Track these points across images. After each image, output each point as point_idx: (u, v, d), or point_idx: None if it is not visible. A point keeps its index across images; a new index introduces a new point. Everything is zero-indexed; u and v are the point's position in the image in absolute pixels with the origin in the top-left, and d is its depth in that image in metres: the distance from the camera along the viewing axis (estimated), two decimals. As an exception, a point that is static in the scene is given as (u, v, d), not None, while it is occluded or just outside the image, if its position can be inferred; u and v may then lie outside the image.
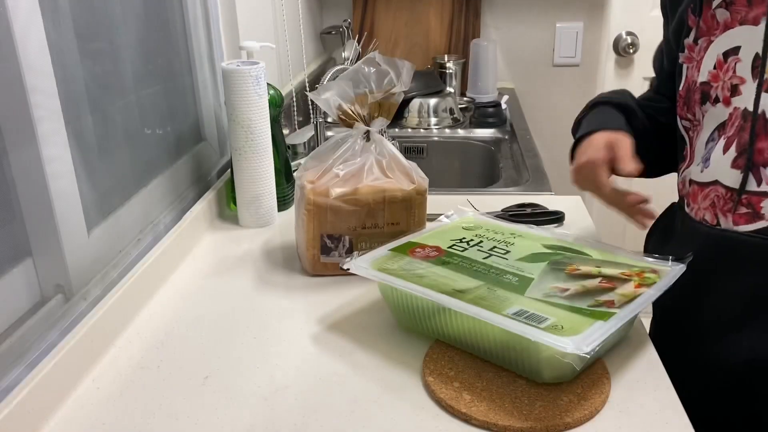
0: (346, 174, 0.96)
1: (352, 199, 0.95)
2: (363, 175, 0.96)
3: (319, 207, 0.95)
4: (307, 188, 0.95)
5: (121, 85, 1.00)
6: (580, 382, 0.73)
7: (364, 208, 0.95)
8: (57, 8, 0.83)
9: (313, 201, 0.95)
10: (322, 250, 0.98)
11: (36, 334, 0.76)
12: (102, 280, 0.88)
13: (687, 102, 0.87)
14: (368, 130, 0.98)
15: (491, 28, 2.22)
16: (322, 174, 0.96)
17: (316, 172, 0.97)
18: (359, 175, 0.96)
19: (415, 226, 0.98)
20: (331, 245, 0.97)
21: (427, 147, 1.81)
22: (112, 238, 0.93)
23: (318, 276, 0.99)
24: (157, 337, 0.86)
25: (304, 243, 0.98)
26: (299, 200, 0.99)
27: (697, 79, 0.84)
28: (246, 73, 1.08)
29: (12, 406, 0.66)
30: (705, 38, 0.83)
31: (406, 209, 0.97)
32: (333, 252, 0.98)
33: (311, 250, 0.98)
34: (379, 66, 0.96)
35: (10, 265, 0.76)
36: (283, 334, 0.86)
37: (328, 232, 0.97)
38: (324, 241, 0.97)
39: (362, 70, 0.96)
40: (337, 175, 0.96)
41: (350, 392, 0.75)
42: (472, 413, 0.69)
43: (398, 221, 0.97)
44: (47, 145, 0.77)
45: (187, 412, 0.72)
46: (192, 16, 1.23)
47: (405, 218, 0.98)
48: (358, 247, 0.97)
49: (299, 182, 0.99)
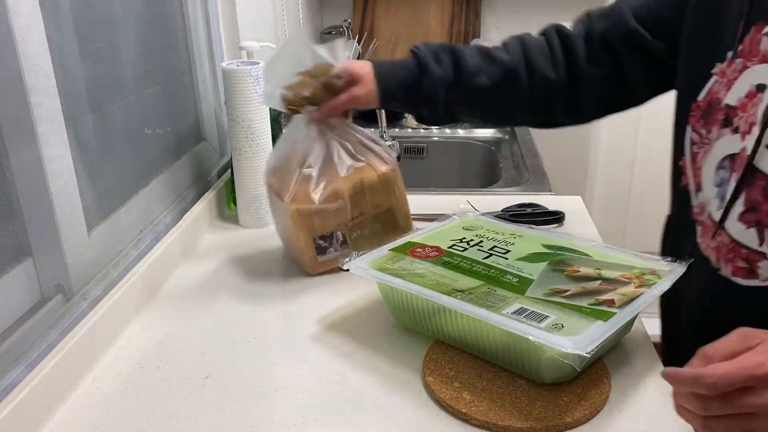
0: (318, 173, 0.93)
1: (334, 197, 0.94)
2: (335, 168, 0.95)
3: (304, 215, 0.94)
4: (286, 201, 0.93)
5: (121, 85, 1.00)
6: (580, 382, 0.73)
7: (347, 202, 0.95)
8: (57, 8, 0.83)
9: (296, 211, 0.94)
10: (317, 252, 0.97)
11: (36, 334, 0.75)
12: (102, 280, 0.88)
13: (706, 117, 0.81)
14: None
15: (492, 28, 2.22)
16: (295, 179, 0.94)
17: (285, 177, 0.95)
18: (331, 168, 0.94)
19: (398, 201, 0.99)
20: (326, 244, 0.97)
21: (427, 147, 1.81)
22: (112, 238, 0.93)
23: (320, 275, 0.99)
24: (157, 337, 0.86)
25: (297, 249, 0.98)
26: (275, 205, 0.98)
27: (723, 99, 0.78)
28: (246, 73, 1.08)
29: (12, 406, 0.66)
30: (743, 60, 0.76)
31: (386, 189, 0.98)
32: (329, 249, 0.98)
33: (308, 254, 0.97)
34: (311, 46, 0.92)
35: (10, 265, 0.76)
36: (283, 334, 0.86)
37: (319, 234, 0.96)
38: (317, 243, 0.97)
39: (294, 49, 0.91)
40: (310, 176, 0.93)
41: (350, 392, 0.75)
42: (472, 413, 0.69)
43: (382, 202, 0.98)
44: (47, 145, 0.77)
45: (187, 412, 0.72)
46: (192, 16, 1.23)
47: (387, 197, 0.98)
48: (352, 237, 0.98)
49: (270, 190, 0.97)
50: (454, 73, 0.94)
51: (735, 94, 0.77)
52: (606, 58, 0.93)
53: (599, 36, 0.94)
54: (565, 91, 0.96)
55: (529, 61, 0.95)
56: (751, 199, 0.73)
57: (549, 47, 0.96)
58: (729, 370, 0.53)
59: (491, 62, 0.95)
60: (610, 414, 0.70)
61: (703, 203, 0.81)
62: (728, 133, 0.77)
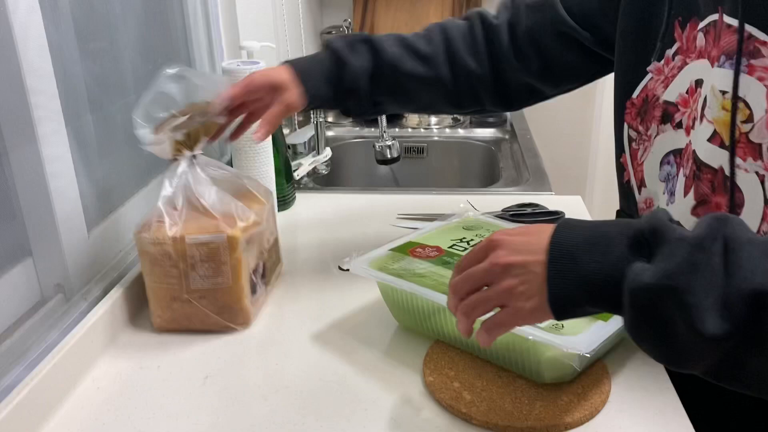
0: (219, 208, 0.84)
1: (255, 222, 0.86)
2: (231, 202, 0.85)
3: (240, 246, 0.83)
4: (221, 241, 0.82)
5: (121, 85, 1.00)
6: (580, 382, 0.73)
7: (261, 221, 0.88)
8: (57, 8, 0.83)
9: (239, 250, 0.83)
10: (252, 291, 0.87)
11: (36, 334, 0.76)
12: (102, 280, 0.88)
13: (642, 114, 0.81)
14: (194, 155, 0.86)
15: (491, 28, 2.22)
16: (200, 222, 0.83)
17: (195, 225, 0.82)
18: (226, 202, 0.85)
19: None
20: (255, 280, 0.88)
21: (427, 147, 1.81)
22: (112, 238, 0.93)
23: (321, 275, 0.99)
24: (157, 337, 0.86)
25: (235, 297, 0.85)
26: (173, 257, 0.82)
27: (660, 96, 0.79)
28: (246, 73, 1.08)
29: (12, 406, 0.66)
30: (682, 57, 0.77)
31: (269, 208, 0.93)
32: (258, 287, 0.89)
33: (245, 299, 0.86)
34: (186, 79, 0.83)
35: (10, 265, 0.76)
36: (283, 334, 0.86)
37: (251, 267, 0.87)
38: (252, 279, 0.87)
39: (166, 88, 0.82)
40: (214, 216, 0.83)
41: (350, 392, 0.75)
42: (472, 413, 0.69)
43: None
44: (47, 145, 0.77)
45: (187, 412, 0.72)
46: (192, 15, 1.23)
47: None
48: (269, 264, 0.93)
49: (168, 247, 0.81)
50: (373, 62, 0.91)
51: (675, 90, 0.77)
52: (533, 54, 0.93)
53: (527, 31, 0.92)
54: (490, 82, 0.95)
55: (451, 51, 0.93)
56: (700, 192, 0.73)
57: (472, 36, 0.94)
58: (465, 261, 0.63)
59: (411, 51, 0.92)
60: (610, 414, 0.70)
61: (648, 198, 0.82)
62: (669, 128, 0.78)
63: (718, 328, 0.48)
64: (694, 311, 0.49)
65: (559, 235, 0.57)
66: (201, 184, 0.85)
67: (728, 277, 0.49)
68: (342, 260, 1.02)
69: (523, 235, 0.59)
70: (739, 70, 0.67)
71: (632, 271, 0.52)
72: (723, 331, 0.48)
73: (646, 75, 0.80)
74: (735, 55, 0.68)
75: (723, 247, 0.50)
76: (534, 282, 0.57)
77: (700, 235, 0.51)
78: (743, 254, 0.49)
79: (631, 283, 0.52)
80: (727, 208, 0.71)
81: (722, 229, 0.51)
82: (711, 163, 0.71)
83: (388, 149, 1.50)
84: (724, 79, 0.69)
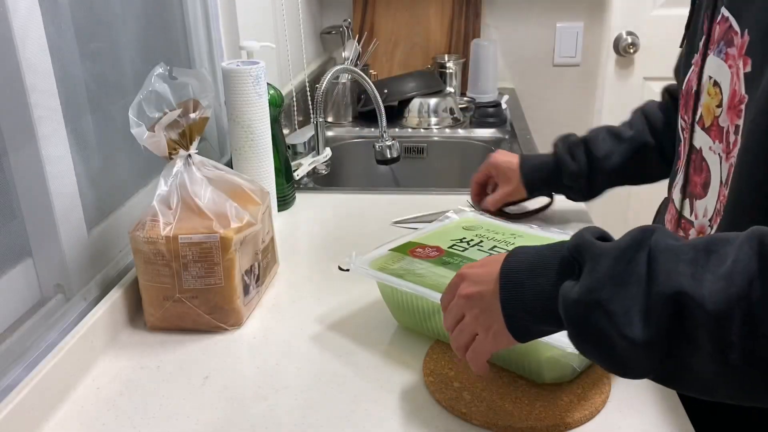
0: (213, 208, 0.84)
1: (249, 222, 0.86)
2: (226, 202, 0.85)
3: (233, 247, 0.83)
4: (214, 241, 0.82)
5: (121, 86, 0.99)
6: (580, 382, 0.73)
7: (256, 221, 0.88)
8: (57, 8, 0.83)
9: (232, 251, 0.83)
10: (244, 292, 0.88)
11: (36, 334, 0.76)
12: (102, 280, 0.88)
13: (686, 105, 0.86)
14: (189, 154, 0.86)
15: (491, 28, 2.21)
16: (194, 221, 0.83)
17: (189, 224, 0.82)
18: (221, 202, 0.85)
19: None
20: (249, 281, 0.89)
21: (427, 147, 1.80)
22: (112, 238, 0.93)
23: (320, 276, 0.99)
24: (157, 337, 0.86)
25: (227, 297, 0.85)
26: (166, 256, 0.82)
27: (694, 86, 0.83)
28: (246, 73, 1.08)
29: (12, 406, 0.66)
30: (703, 49, 0.81)
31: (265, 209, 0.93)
32: (251, 288, 0.89)
33: (237, 299, 0.86)
34: (175, 79, 0.84)
35: (10, 265, 0.76)
36: (283, 334, 0.86)
37: (245, 268, 0.87)
38: (244, 280, 0.87)
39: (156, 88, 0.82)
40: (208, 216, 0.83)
41: (350, 392, 0.75)
42: (472, 413, 0.69)
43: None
44: (47, 145, 0.77)
45: (187, 412, 0.72)
46: (192, 15, 1.23)
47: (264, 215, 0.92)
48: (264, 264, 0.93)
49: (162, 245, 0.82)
50: (588, 165, 1.09)
51: (705, 81, 0.81)
52: None
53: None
54: None
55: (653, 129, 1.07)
56: (688, 172, 0.81)
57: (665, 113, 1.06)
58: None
59: (620, 141, 1.08)
60: (610, 414, 0.70)
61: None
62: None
63: (645, 332, 0.50)
64: (620, 320, 0.51)
65: (507, 263, 0.61)
66: (196, 183, 0.85)
67: (650, 283, 0.51)
68: (342, 260, 1.02)
69: (482, 267, 0.64)
70: (721, 57, 0.74)
71: (563, 290, 0.56)
72: (650, 335, 0.50)
73: (690, 68, 0.85)
74: (722, 42, 0.75)
75: (647, 256, 0.52)
76: (492, 310, 0.61)
77: (622, 246, 0.54)
78: (663, 259, 0.51)
79: (563, 302, 0.56)
80: (701, 187, 0.78)
81: (647, 240, 0.53)
82: (696, 143, 0.80)
83: (388, 149, 1.50)
84: (712, 65, 0.77)
